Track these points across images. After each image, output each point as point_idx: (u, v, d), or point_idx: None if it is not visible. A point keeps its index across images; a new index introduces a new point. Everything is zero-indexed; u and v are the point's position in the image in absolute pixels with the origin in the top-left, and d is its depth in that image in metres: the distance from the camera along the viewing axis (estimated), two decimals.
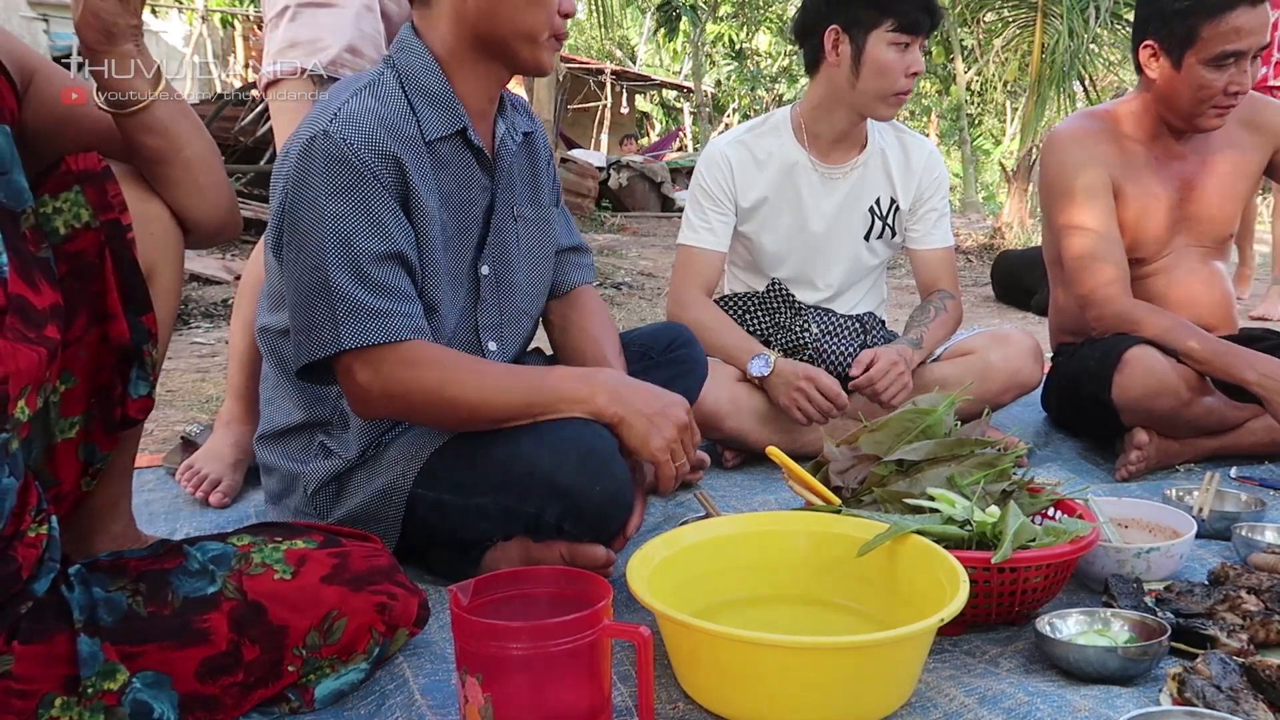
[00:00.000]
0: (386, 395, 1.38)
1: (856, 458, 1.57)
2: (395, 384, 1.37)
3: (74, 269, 1.15)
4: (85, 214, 1.15)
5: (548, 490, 1.42)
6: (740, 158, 2.27)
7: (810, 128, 2.26)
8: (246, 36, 13.66)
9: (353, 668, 1.19)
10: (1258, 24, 2.01)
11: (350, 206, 1.36)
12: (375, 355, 1.37)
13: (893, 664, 1.12)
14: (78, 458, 1.24)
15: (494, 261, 1.59)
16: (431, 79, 1.48)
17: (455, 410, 1.41)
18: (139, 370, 1.26)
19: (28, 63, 1.16)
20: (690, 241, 2.28)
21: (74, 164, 1.15)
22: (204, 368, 3.58)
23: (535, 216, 1.67)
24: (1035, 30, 9.09)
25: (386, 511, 1.49)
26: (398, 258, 1.39)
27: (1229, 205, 2.27)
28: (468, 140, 1.52)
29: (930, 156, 2.35)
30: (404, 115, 1.44)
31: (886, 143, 2.31)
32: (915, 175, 2.32)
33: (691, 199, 2.31)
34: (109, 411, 1.25)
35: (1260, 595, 1.37)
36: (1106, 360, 2.07)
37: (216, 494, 1.94)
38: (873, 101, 2.14)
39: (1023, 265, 5.58)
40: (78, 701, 1.00)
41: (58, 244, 1.14)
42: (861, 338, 2.30)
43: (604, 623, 1.05)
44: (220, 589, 1.11)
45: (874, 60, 2.10)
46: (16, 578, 1.00)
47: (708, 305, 2.25)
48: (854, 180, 2.28)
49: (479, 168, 1.56)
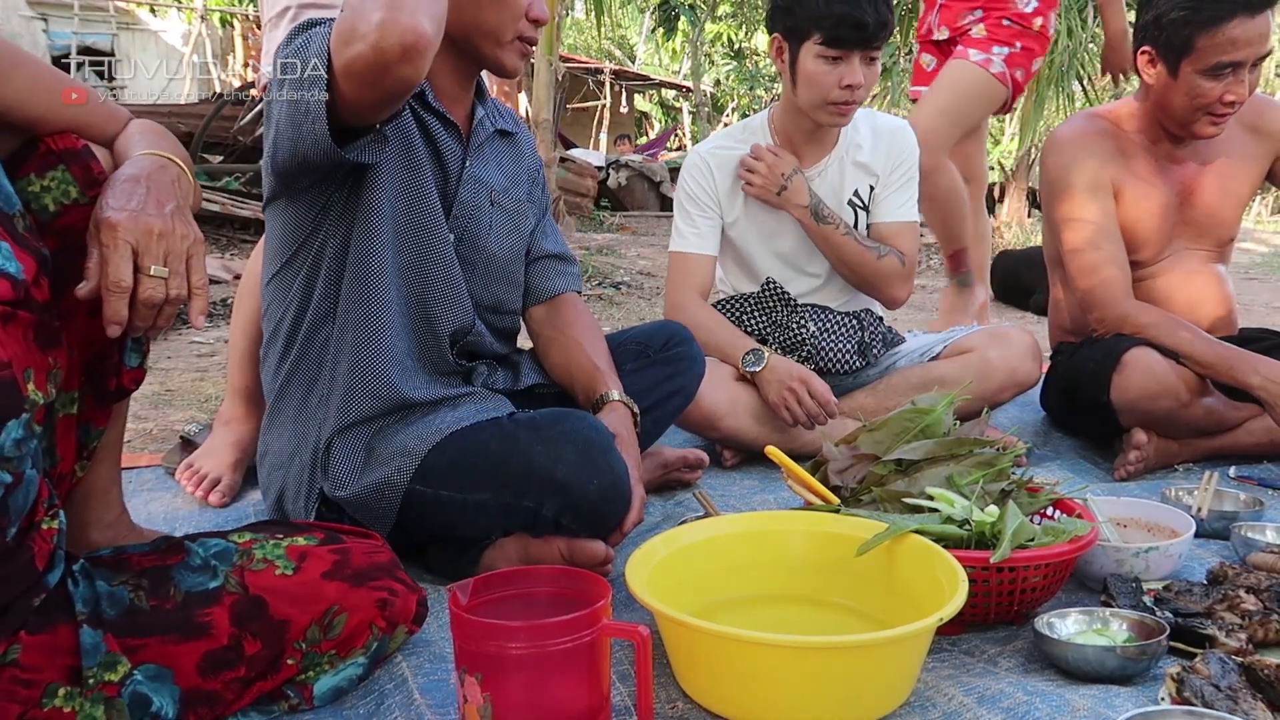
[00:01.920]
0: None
1: (855, 457, 1.57)
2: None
3: (64, 244, 1.16)
4: (74, 190, 1.16)
5: (546, 485, 1.43)
6: (720, 161, 2.30)
7: (782, 131, 2.29)
8: (245, 36, 13.66)
9: (351, 663, 1.20)
10: (1256, 35, 1.99)
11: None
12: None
13: (891, 663, 1.12)
14: (76, 436, 1.25)
15: (461, 232, 1.61)
16: None
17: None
18: (133, 341, 1.27)
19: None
20: (681, 248, 2.30)
21: (54, 144, 1.16)
22: (203, 367, 3.58)
23: (511, 208, 1.70)
24: None
25: (380, 504, 1.49)
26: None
27: (1229, 208, 2.27)
28: (429, 104, 1.56)
29: (898, 132, 2.34)
30: None
31: (859, 132, 2.31)
32: (883, 151, 2.32)
33: (678, 206, 2.34)
34: (103, 382, 1.26)
35: (1259, 595, 1.37)
36: (1105, 361, 2.07)
37: (216, 493, 1.94)
38: (813, 110, 2.16)
39: (1023, 265, 5.58)
40: (80, 692, 1.01)
41: (48, 220, 1.15)
42: (859, 335, 2.30)
43: (603, 622, 1.05)
44: (222, 584, 1.12)
45: (804, 71, 2.12)
46: (33, 570, 1.01)
47: (703, 306, 2.26)
48: (829, 179, 2.29)
49: (446, 133, 1.59)
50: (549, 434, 1.44)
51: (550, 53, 5.92)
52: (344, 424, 1.52)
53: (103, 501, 1.40)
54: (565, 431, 1.44)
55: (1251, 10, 1.97)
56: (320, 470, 1.52)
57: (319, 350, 1.56)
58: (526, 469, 1.43)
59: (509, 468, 1.44)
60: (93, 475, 1.36)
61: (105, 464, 1.39)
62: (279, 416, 1.59)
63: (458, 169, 1.61)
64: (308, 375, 1.56)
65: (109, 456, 1.40)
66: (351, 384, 1.52)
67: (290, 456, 1.56)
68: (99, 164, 1.18)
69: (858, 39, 2.05)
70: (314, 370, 1.56)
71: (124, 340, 1.26)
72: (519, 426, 1.48)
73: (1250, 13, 1.97)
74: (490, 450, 1.45)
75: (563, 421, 1.46)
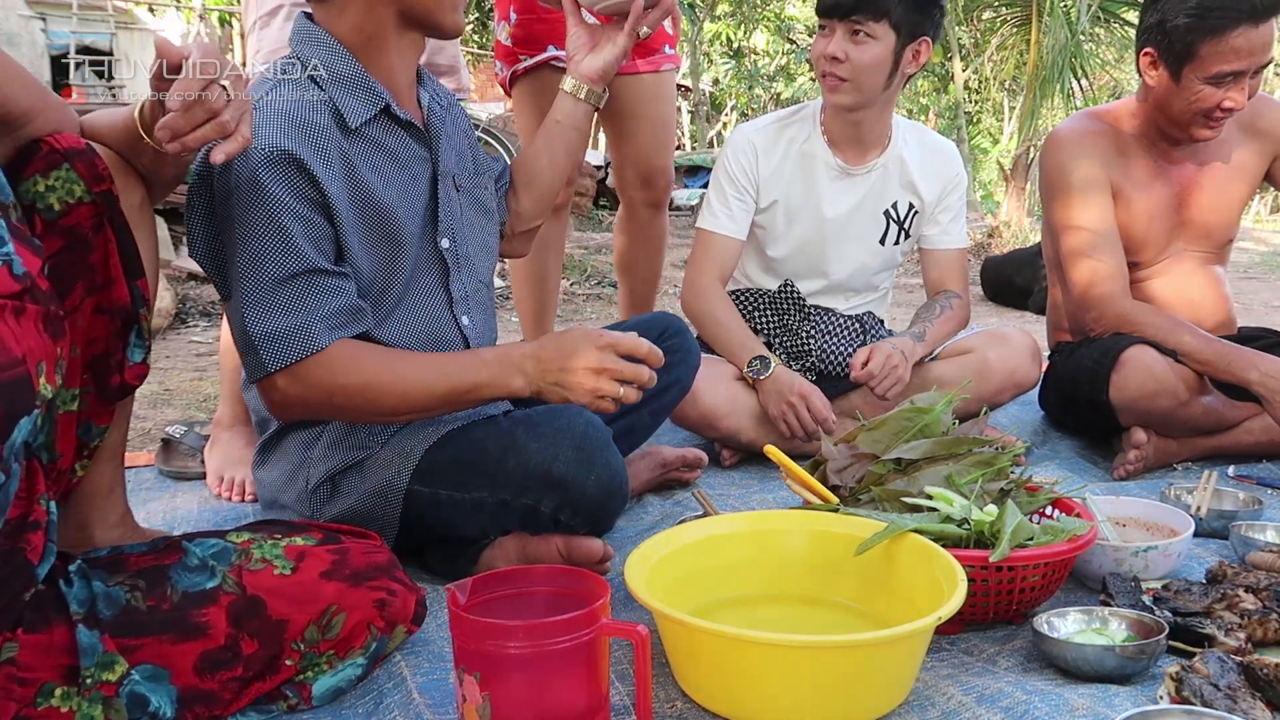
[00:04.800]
0: (303, 403, 1.40)
1: (854, 456, 1.57)
2: (317, 391, 1.38)
3: (69, 242, 1.17)
4: (78, 189, 1.17)
5: (543, 482, 1.43)
6: (765, 145, 2.27)
7: (827, 124, 2.26)
8: (244, 35, 13.64)
9: (350, 663, 1.19)
10: (1259, 44, 1.99)
11: (262, 231, 1.36)
12: (299, 369, 1.37)
13: (890, 663, 1.12)
14: (76, 434, 1.25)
15: (451, 233, 1.60)
16: (341, 63, 1.47)
17: (379, 408, 1.42)
18: (137, 336, 1.28)
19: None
20: (710, 226, 2.26)
21: (58, 143, 1.16)
22: (202, 366, 3.58)
23: (472, 185, 1.67)
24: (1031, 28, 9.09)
25: (384, 510, 1.49)
26: (312, 272, 1.38)
27: (1228, 209, 2.26)
28: (394, 116, 1.52)
29: (951, 156, 2.35)
30: (316, 107, 1.43)
31: (908, 145, 2.29)
32: (937, 175, 2.30)
33: (714, 183, 2.30)
34: (106, 379, 1.27)
35: (1258, 594, 1.37)
36: (1104, 360, 2.07)
37: (249, 495, 1.96)
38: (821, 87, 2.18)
39: (1010, 267, 5.62)
40: (77, 691, 1.01)
41: (53, 219, 1.16)
42: (861, 338, 2.30)
43: (602, 621, 1.05)
44: (220, 584, 1.12)
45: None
46: (28, 563, 1.01)
47: (721, 297, 2.24)
48: (872, 182, 2.26)
49: (414, 141, 1.56)
50: (546, 430, 1.44)
51: None
52: (334, 470, 1.53)
53: (107, 501, 1.40)
54: (562, 428, 1.44)
55: (1255, 20, 1.97)
56: (318, 501, 1.54)
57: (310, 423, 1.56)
58: (524, 466, 1.43)
59: (506, 465, 1.44)
60: (97, 475, 1.36)
61: (109, 464, 1.39)
62: (270, 455, 1.60)
63: (430, 172, 1.58)
64: (300, 434, 1.57)
65: (112, 456, 1.40)
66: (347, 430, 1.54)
67: (289, 481, 1.57)
68: (103, 161, 1.19)
69: (831, 6, 2.07)
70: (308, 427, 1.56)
71: (127, 335, 1.26)
72: (516, 424, 1.48)
73: (1254, 22, 1.97)
74: (487, 448, 1.45)
75: (559, 418, 1.46)
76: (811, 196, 2.25)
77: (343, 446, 1.53)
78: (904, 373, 2.07)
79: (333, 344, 1.38)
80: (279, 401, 1.41)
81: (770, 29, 16.06)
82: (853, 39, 2.08)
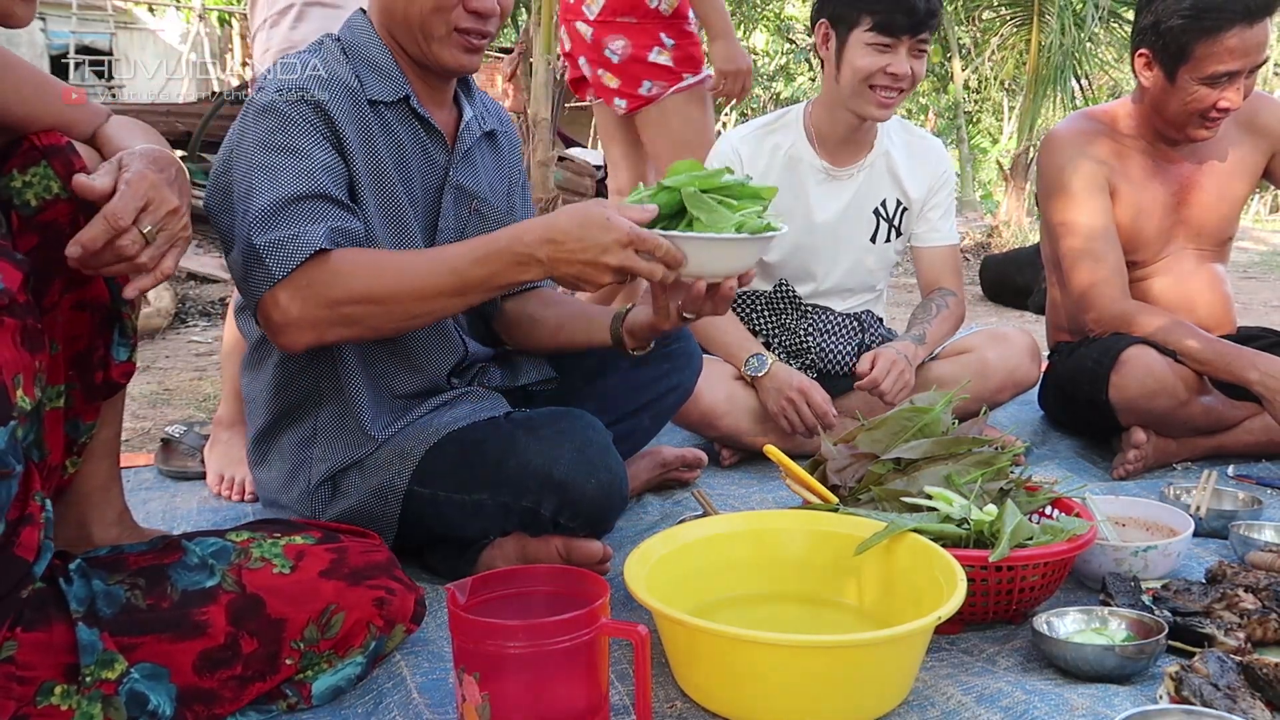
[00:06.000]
0: (312, 322, 1.35)
1: (854, 456, 1.57)
2: (321, 306, 1.34)
3: (46, 239, 1.17)
4: (55, 185, 1.16)
5: (543, 484, 1.43)
6: (751, 152, 2.27)
7: (818, 126, 2.26)
8: (244, 35, 13.64)
9: (350, 662, 1.19)
10: (1254, 44, 1.99)
11: (276, 155, 1.38)
12: (300, 279, 1.33)
13: (890, 662, 1.12)
14: (64, 431, 1.25)
15: (446, 244, 1.57)
16: (375, 51, 1.51)
17: (390, 314, 1.37)
18: (120, 335, 1.28)
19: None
20: None
21: (39, 140, 1.16)
22: (201, 366, 3.58)
23: (493, 217, 1.63)
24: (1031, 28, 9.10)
25: (383, 511, 1.49)
26: (324, 197, 1.38)
27: (1226, 207, 2.27)
28: (413, 109, 1.53)
29: (939, 153, 2.35)
30: (343, 72, 1.47)
31: (894, 143, 2.30)
32: (924, 173, 2.31)
33: None
34: (90, 377, 1.26)
35: (1257, 593, 1.37)
36: (1103, 360, 2.07)
37: (249, 494, 1.96)
38: (855, 100, 2.13)
39: (1011, 266, 5.61)
40: (77, 690, 1.01)
41: (30, 215, 1.16)
42: (859, 336, 2.30)
43: (601, 621, 1.05)
44: (219, 582, 1.12)
45: (850, 59, 2.10)
46: (25, 562, 1.02)
47: None
48: (860, 182, 2.27)
49: (431, 143, 1.56)
50: (546, 433, 1.44)
51: (549, 51, 5.90)
52: (334, 469, 1.52)
53: (104, 500, 1.40)
54: (563, 430, 1.44)
55: (1250, 20, 1.97)
56: (318, 501, 1.53)
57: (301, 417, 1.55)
58: (524, 468, 1.43)
59: (506, 467, 1.44)
60: (92, 474, 1.36)
61: (104, 462, 1.39)
62: (269, 455, 1.60)
63: (440, 179, 1.58)
64: (295, 431, 1.56)
65: (108, 455, 1.39)
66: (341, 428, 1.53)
67: (289, 481, 1.57)
68: (80, 159, 1.18)
69: (908, 25, 2.05)
70: (300, 422, 1.56)
71: (110, 334, 1.26)
72: (516, 426, 1.48)
73: (1249, 23, 1.97)
74: (488, 450, 1.45)
75: (560, 420, 1.46)
76: (800, 202, 2.26)
77: (340, 442, 1.52)
78: (910, 377, 2.07)
79: (335, 251, 1.35)
80: (281, 323, 1.35)
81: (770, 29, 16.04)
82: (915, 55, 2.09)
